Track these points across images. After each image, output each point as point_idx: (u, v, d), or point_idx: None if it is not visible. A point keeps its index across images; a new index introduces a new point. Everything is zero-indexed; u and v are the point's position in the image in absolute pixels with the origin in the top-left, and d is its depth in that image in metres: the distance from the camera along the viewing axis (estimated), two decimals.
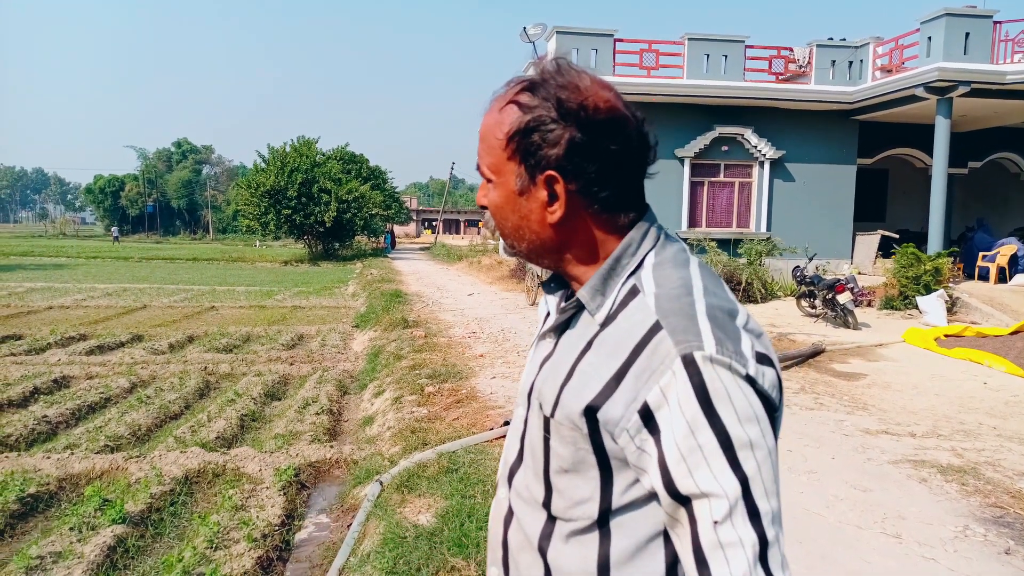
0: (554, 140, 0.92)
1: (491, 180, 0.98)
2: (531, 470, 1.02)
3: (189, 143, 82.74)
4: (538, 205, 0.95)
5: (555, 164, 0.92)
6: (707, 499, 0.83)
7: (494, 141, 0.96)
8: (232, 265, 29.66)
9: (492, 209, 1.01)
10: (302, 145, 34.91)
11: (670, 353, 0.84)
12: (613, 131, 0.93)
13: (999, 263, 13.96)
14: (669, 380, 0.84)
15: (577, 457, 0.93)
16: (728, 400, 0.83)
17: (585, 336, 0.95)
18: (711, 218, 16.03)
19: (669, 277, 0.93)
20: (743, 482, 0.82)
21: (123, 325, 11.42)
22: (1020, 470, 4.74)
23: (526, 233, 0.99)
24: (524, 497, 1.03)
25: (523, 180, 0.95)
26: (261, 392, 7.06)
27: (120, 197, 75.43)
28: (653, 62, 15.28)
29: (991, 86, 13.13)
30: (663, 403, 0.84)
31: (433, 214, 74.80)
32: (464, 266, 25.79)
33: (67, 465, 4.85)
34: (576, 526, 0.95)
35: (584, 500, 0.94)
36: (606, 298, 0.95)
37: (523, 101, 0.94)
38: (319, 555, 3.93)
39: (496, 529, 1.10)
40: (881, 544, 3.65)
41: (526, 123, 0.93)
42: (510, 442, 1.10)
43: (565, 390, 0.93)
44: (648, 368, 0.86)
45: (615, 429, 0.88)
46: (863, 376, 7.62)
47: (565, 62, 0.97)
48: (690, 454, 0.83)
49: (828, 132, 15.93)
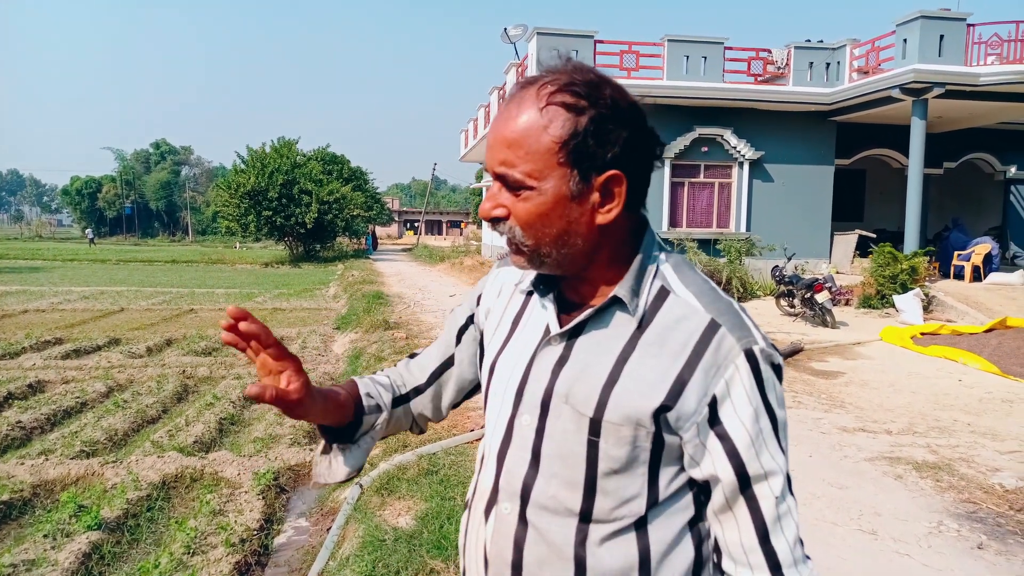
0: (614, 140, 0.91)
1: (531, 188, 0.92)
2: (559, 479, 0.98)
3: (168, 144, 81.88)
4: (589, 208, 0.94)
5: (616, 164, 0.92)
6: (767, 478, 0.93)
7: (539, 146, 0.90)
8: (211, 267, 29.38)
9: (527, 219, 0.94)
10: (282, 146, 34.69)
11: (733, 348, 0.92)
12: (650, 129, 0.96)
13: (974, 262, 14.18)
14: (733, 373, 0.91)
15: (632, 456, 0.95)
16: (774, 387, 0.94)
17: (620, 336, 0.96)
18: (691, 218, 16.13)
19: (695, 280, 0.99)
20: (786, 457, 0.96)
21: (100, 328, 11.28)
22: (993, 466, 4.81)
23: (571, 238, 0.95)
24: (549, 508, 0.98)
25: (577, 184, 0.92)
26: (240, 396, 7.01)
27: (97, 199, 74.48)
28: (633, 63, 15.36)
29: (965, 87, 13.33)
30: (727, 395, 0.92)
31: (415, 215, 74.65)
32: (446, 267, 25.74)
33: (42, 471, 4.77)
34: (618, 526, 0.96)
35: (632, 497, 0.96)
36: (639, 298, 0.97)
37: (569, 102, 0.90)
38: (298, 559, 3.91)
39: (501, 548, 1.02)
40: (857, 541, 3.69)
41: (585, 124, 0.90)
42: (515, 454, 1.02)
43: (615, 391, 0.94)
44: (715, 363, 0.92)
45: (685, 423, 0.93)
46: (841, 374, 7.70)
47: (575, 59, 0.96)
48: (756, 438, 0.93)
49: (806, 133, 16.09)
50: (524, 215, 0.94)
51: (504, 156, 0.92)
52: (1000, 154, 18.47)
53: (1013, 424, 5.84)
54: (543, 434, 0.99)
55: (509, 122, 0.92)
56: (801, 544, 0.95)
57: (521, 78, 1.02)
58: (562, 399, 0.97)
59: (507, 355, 1.07)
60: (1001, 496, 4.30)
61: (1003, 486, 4.44)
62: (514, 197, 0.94)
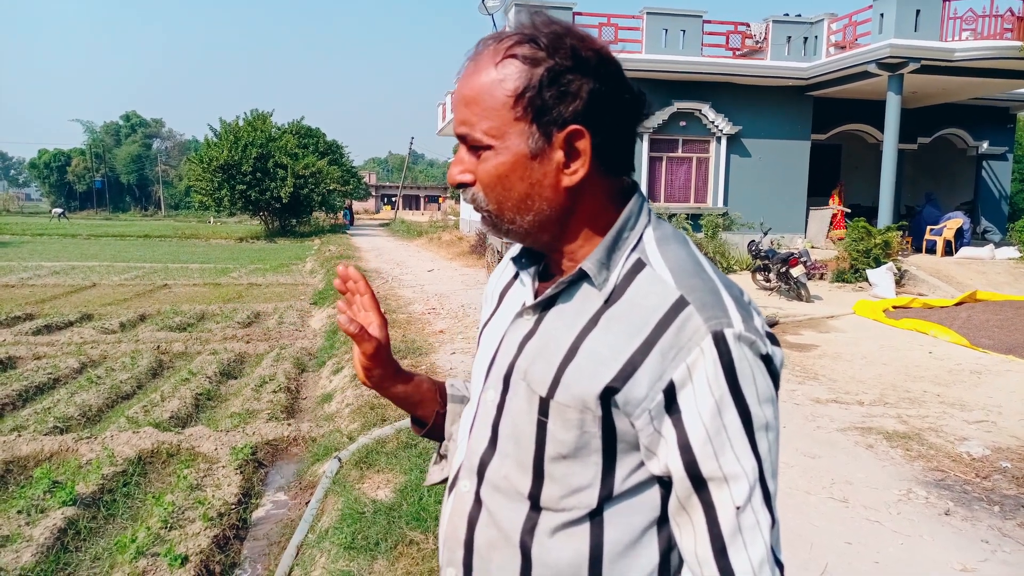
0: (575, 92, 0.84)
1: (490, 147, 0.87)
2: (512, 459, 0.93)
3: (138, 116, 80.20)
4: (553, 168, 0.87)
5: (577, 118, 0.85)
6: (727, 482, 0.81)
7: (494, 101, 0.85)
8: (185, 242, 28.97)
9: (488, 181, 0.89)
10: (256, 119, 34.06)
11: (700, 330, 0.81)
12: (623, 80, 0.88)
13: (946, 236, 14.39)
14: (697, 357, 0.80)
15: (581, 442, 0.87)
16: (752, 379, 0.81)
17: (585, 312, 0.88)
18: (669, 193, 16.17)
19: (677, 254, 0.89)
20: (759, 464, 0.82)
21: (72, 304, 11.10)
22: (961, 435, 4.93)
23: (536, 202, 0.89)
24: (501, 489, 0.94)
25: (537, 140, 0.86)
26: (216, 371, 6.95)
27: (67, 172, 72.95)
28: (612, 36, 15.25)
29: (940, 63, 13.42)
30: (688, 381, 0.81)
31: (392, 189, 73.99)
32: (424, 242, 25.64)
33: (14, 447, 4.71)
34: (568, 517, 0.89)
35: (582, 487, 0.88)
36: (611, 272, 0.89)
37: (526, 53, 0.84)
38: (277, 532, 3.91)
39: (456, 526, 0.99)
40: (829, 509, 3.77)
41: (540, 76, 0.83)
42: (477, 430, 0.99)
43: (568, 370, 0.86)
44: (675, 345, 0.81)
45: (635, 410, 0.83)
46: (815, 347, 7.82)
47: (548, 13, 0.89)
48: (716, 434, 0.80)
49: (783, 108, 16.15)
50: (485, 177, 0.89)
51: (464, 115, 0.88)
52: (973, 130, 18.70)
53: (981, 395, 5.98)
54: (502, 411, 0.95)
55: (467, 79, 0.88)
56: (772, 567, 0.82)
57: (486, 36, 0.96)
58: (521, 375, 0.92)
59: (489, 329, 1.05)
60: (968, 464, 4.41)
61: (970, 454, 4.55)
62: (476, 159, 0.89)
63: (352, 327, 1.03)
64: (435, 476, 1.18)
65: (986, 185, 19.79)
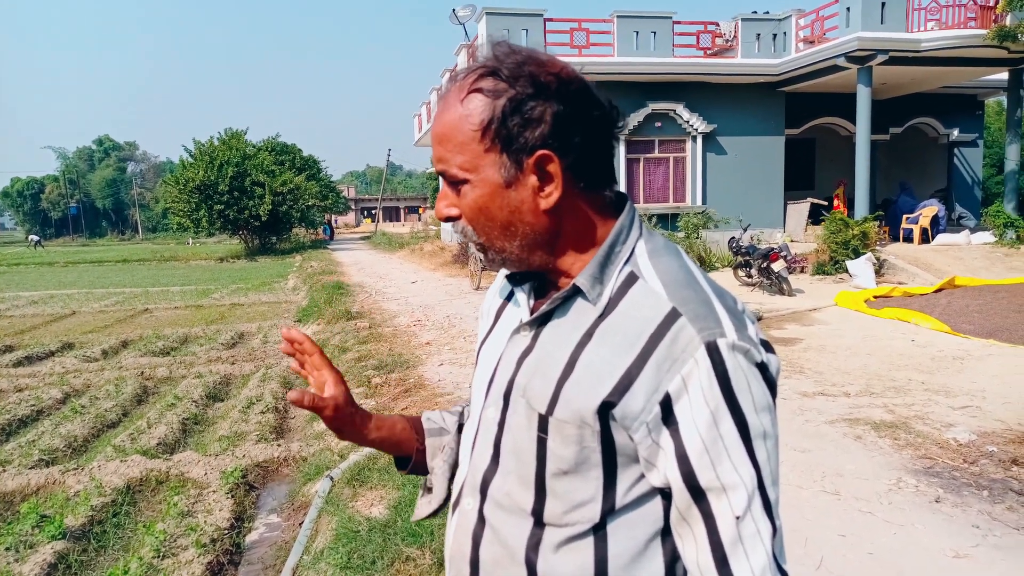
0: (538, 117, 0.86)
1: (466, 181, 0.89)
2: (514, 475, 0.93)
3: (111, 140, 79.65)
4: (529, 193, 0.89)
5: (544, 142, 0.87)
6: (725, 492, 0.82)
7: (463, 136, 0.88)
8: (164, 265, 28.73)
9: (470, 214, 0.92)
10: (230, 137, 33.91)
11: (693, 340, 0.82)
12: (589, 98, 0.90)
13: (922, 224, 14.58)
14: (691, 368, 0.81)
15: (581, 457, 0.88)
16: (747, 388, 0.82)
17: (580, 327, 0.90)
18: (648, 194, 16.28)
19: (669, 265, 0.90)
20: (758, 472, 0.83)
21: (52, 333, 10.96)
22: (947, 422, 4.98)
23: (519, 227, 0.90)
24: (504, 506, 0.94)
25: (509, 169, 0.88)
26: (203, 394, 6.88)
27: (40, 200, 72.24)
28: (584, 41, 15.36)
29: (908, 54, 13.63)
30: (683, 393, 0.82)
31: (372, 202, 73.87)
32: (406, 253, 25.59)
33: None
34: (572, 532, 0.90)
35: (585, 502, 0.89)
36: (604, 286, 0.90)
37: (488, 87, 0.87)
38: (271, 556, 3.88)
39: (462, 544, 0.99)
40: (821, 502, 3.80)
41: (503, 107, 0.86)
42: (479, 448, 1.00)
43: (567, 385, 0.87)
44: (670, 357, 0.82)
45: (633, 424, 0.84)
46: (799, 340, 7.88)
47: (509, 43, 0.91)
48: (713, 445, 0.81)
49: (756, 105, 16.31)
50: (467, 210, 0.91)
51: (439, 153, 0.91)
52: (943, 118, 18.99)
53: (964, 380, 6.05)
54: (503, 428, 0.96)
55: (438, 119, 0.91)
56: (775, 575, 0.83)
57: (454, 72, 0.97)
58: (520, 392, 0.93)
59: (487, 347, 1.05)
60: (955, 450, 4.46)
61: (957, 440, 4.60)
62: (456, 194, 0.92)
63: (306, 400, 1.04)
64: (423, 510, 1.18)
65: (958, 172, 20.09)
